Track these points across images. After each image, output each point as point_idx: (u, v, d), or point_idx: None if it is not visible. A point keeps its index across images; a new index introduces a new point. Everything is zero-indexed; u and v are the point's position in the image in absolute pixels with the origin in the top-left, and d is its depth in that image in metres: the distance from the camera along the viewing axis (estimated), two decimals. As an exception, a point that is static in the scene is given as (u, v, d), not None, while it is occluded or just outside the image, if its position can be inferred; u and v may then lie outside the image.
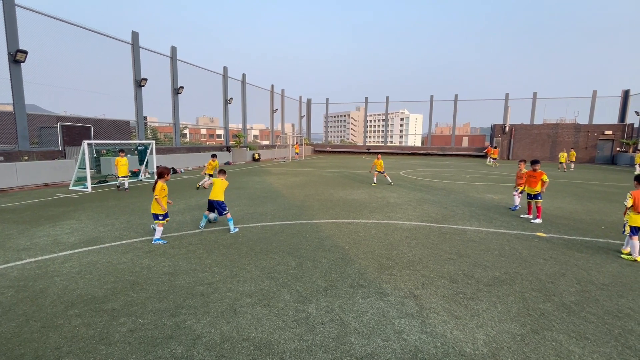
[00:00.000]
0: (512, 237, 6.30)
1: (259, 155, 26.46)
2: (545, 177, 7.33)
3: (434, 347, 2.91)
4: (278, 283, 4.15)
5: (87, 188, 10.99)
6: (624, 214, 5.38)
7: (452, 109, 35.85)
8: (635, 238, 5.15)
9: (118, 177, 11.09)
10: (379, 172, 13.24)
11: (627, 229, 5.22)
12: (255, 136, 46.60)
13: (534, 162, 7.60)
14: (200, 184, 11.63)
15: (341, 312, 3.49)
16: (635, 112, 29.35)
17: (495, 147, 26.19)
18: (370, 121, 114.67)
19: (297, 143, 32.51)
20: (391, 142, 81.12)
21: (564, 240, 6.16)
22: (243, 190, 11.46)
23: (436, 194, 11.12)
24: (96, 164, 13.77)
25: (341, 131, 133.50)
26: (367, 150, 39.19)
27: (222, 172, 6.79)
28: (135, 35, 17.53)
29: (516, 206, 8.65)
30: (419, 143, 48.92)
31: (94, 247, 5.43)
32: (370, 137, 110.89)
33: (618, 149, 29.34)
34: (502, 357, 2.80)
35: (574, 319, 3.41)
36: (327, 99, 41.86)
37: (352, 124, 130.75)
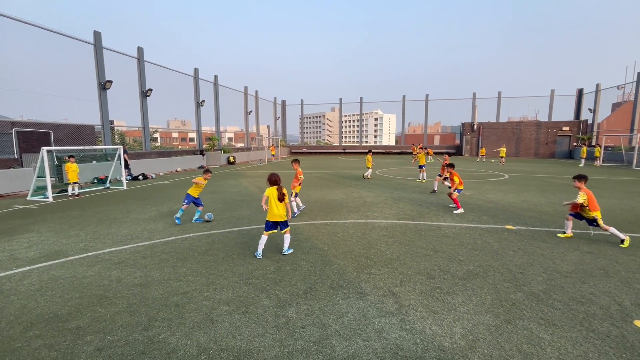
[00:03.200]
0: (483, 231, 6.56)
1: (234, 158, 25.94)
2: (456, 178, 8.42)
3: (414, 344, 2.95)
4: (257, 288, 4.06)
5: (47, 198, 10.29)
6: (579, 208, 5.90)
7: (423, 108, 36.95)
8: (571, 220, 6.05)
9: (69, 183, 10.95)
10: (420, 166, 13.94)
11: (601, 222, 5.71)
12: (230, 139, 45.62)
13: (449, 166, 8.82)
14: (365, 175, 14.75)
15: (322, 314, 3.46)
16: (589, 109, 31.64)
17: (413, 145, 29.04)
18: (346, 122, 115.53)
19: (272, 145, 32.20)
20: (366, 141, 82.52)
21: (530, 231, 6.49)
22: (218, 194, 11.17)
23: (411, 191, 11.39)
24: (58, 171, 12.91)
25: (317, 132, 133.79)
26: (343, 151, 39.51)
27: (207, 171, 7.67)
28: (97, 34, 16.63)
29: (295, 213, 7.67)
30: (393, 142, 49.95)
31: (56, 261, 5.07)
32: (345, 137, 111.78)
33: (575, 144, 31.45)
34: (479, 348, 2.89)
35: (542, 307, 3.59)
36: (302, 100, 41.83)
37: (327, 124, 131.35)
